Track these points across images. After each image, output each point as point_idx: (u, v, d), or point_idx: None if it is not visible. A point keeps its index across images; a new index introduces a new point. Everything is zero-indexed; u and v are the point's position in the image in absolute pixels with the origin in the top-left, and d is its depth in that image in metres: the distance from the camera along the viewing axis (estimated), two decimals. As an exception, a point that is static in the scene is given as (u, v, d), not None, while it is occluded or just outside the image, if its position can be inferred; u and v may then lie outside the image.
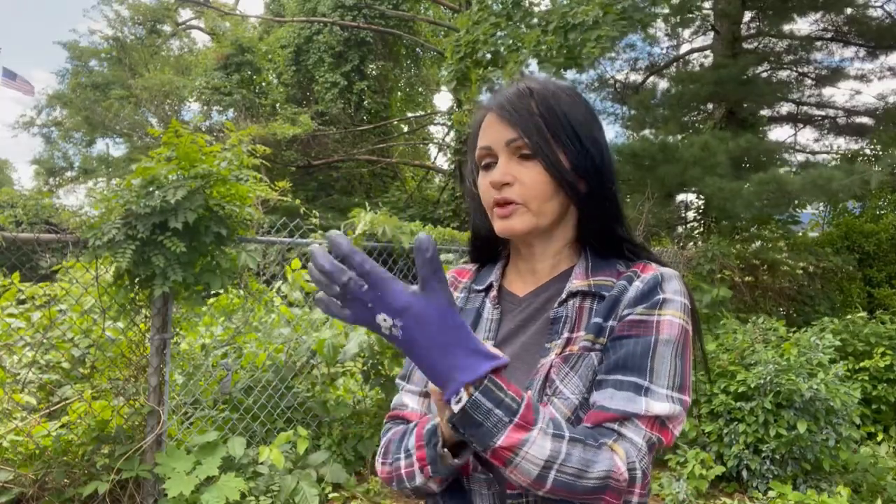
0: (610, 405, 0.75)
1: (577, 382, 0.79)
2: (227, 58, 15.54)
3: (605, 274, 0.86)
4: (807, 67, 9.24)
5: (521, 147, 0.83)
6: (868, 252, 8.13)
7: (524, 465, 0.68)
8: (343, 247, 0.63)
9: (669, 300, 0.80)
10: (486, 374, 0.66)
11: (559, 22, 5.94)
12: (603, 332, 0.81)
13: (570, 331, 0.83)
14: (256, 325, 4.21)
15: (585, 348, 0.80)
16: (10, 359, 3.33)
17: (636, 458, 0.73)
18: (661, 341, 0.78)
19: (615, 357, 0.78)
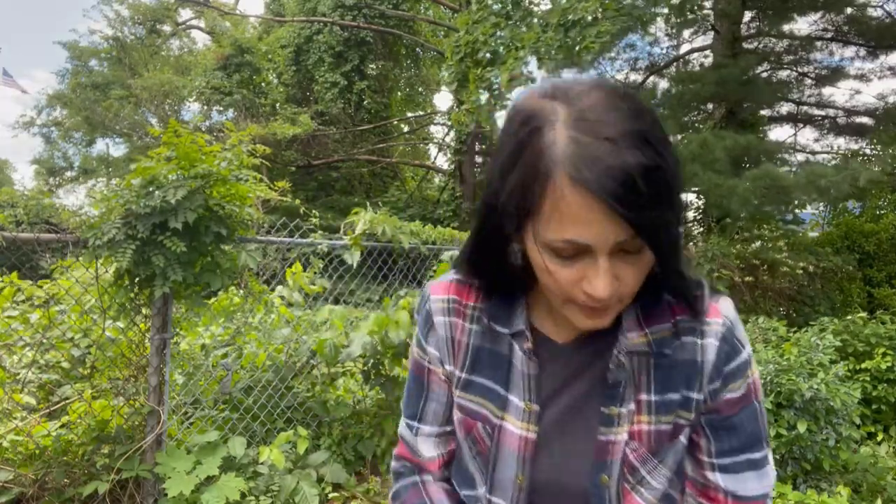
0: (748, 490, 0.74)
1: (666, 472, 0.74)
2: (227, 58, 15.54)
3: (660, 320, 0.72)
4: (807, 67, 9.24)
5: (633, 245, 0.61)
6: (868, 252, 8.13)
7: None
8: None
9: (749, 355, 0.74)
10: None
11: (559, 19, 5.94)
12: (685, 406, 0.72)
13: (636, 394, 0.73)
14: (256, 325, 4.21)
15: (667, 433, 0.72)
16: (11, 359, 3.33)
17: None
18: (761, 404, 0.76)
19: (735, 440, 0.74)
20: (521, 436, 0.76)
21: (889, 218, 8.67)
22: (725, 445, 0.74)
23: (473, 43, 6.79)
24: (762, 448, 0.75)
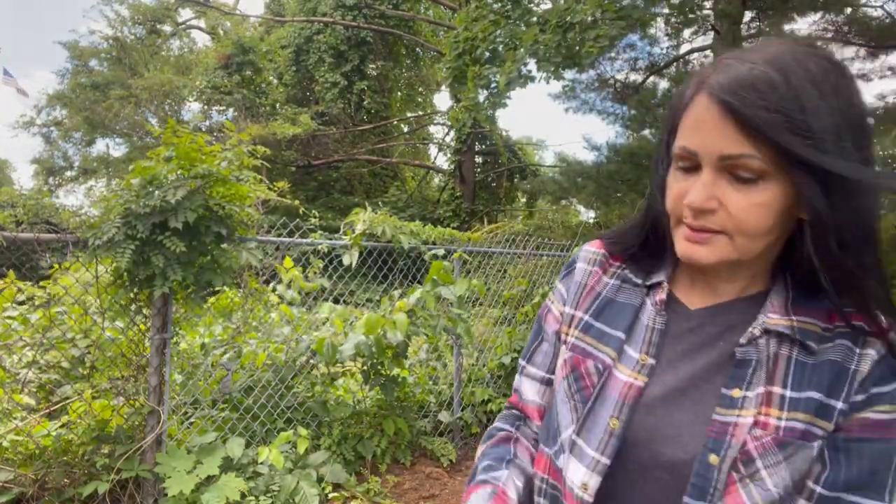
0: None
1: (786, 476, 0.62)
2: (228, 58, 15.56)
3: (812, 314, 0.65)
4: (807, 67, 9.24)
5: (743, 168, 0.60)
6: (868, 252, 8.12)
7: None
8: None
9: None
10: None
11: (557, 21, 5.94)
12: (827, 415, 0.62)
13: (767, 383, 0.64)
14: (256, 324, 4.21)
15: (800, 432, 0.62)
16: (10, 359, 3.33)
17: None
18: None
19: (852, 470, 0.61)
20: (627, 382, 0.71)
21: (889, 218, 8.67)
22: (839, 475, 0.61)
23: (472, 40, 6.79)
24: (880, 498, 0.60)
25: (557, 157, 12.64)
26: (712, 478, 0.63)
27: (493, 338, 5.06)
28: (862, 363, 0.62)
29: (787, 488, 0.62)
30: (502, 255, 5.25)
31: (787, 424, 0.63)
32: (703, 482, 0.63)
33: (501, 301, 5.12)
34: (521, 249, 5.25)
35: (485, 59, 6.76)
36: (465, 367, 4.78)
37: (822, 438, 0.62)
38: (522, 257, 5.36)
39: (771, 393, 0.64)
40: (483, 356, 5.01)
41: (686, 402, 0.67)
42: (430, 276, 3.76)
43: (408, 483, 3.74)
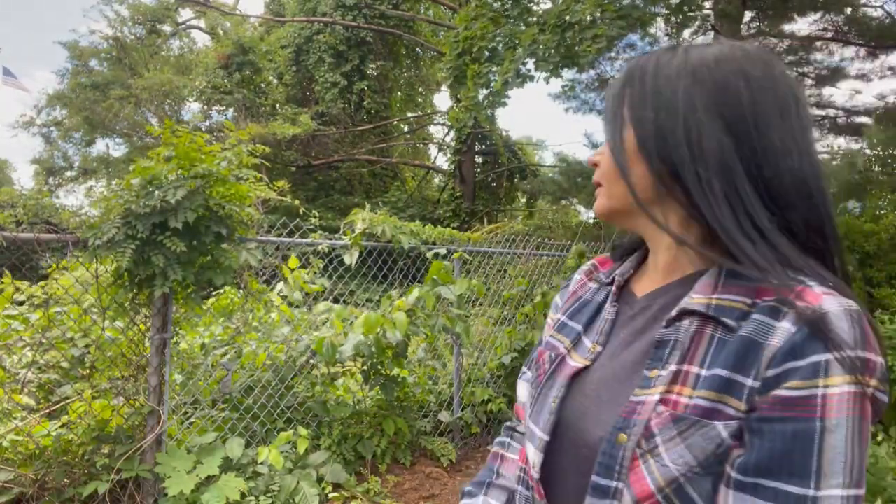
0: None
1: (684, 453, 0.60)
2: (228, 58, 15.56)
3: (741, 291, 0.65)
4: (807, 67, 9.24)
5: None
6: (868, 252, 8.13)
7: None
8: None
9: (838, 360, 0.56)
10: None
11: (556, 20, 5.93)
12: (737, 393, 0.60)
13: (681, 361, 0.65)
14: (256, 325, 4.21)
15: (704, 410, 0.61)
16: (10, 359, 3.33)
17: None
18: (829, 429, 0.56)
19: (764, 452, 0.58)
20: (573, 366, 0.77)
21: (889, 218, 8.67)
22: (752, 457, 0.58)
23: (472, 39, 6.78)
24: (805, 484, 0.55)
25: (557, 157, 12.64)
26: (618, 456, 0.64)
27: (492, 338, 5.06)
28: (775, 337, 0.59)
29: (688, 466, 0.60)
30: (502, 255, 5.25)
31: (693, 402, 0.62)
32: (609, 460, 0.64)
33: (501, 301, 5.12)
34: (521, 249, 5.25)
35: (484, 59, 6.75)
36: (465, 367, 4.78)
37: (735, 419, 0.60)
38: (522, 257, 5.36)
39: (686, 372, 0.64)
40: (483, 356, 5.01)
41: (615, 384, 0.70)
42: (430, 276, 3.76)
43: (408, 483, 3.74)
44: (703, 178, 0.66)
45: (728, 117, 0.66)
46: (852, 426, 0.56)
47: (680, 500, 0.61)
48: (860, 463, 0.57)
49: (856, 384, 0.56)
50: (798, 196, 0.66)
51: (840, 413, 0.56)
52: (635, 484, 0.62)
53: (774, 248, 0.63)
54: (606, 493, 0.64)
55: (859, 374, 0.56)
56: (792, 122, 0.66)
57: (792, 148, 0.66)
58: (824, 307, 0.58)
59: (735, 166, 0.65)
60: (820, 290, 0.60)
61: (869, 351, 0.57)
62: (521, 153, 17.33)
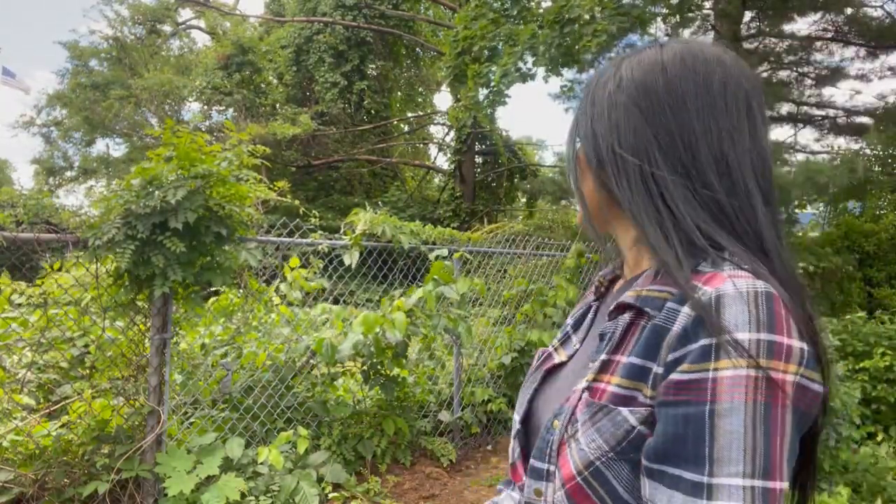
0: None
1: (595, 437, 0.62)
2: (228, 58, 15.56)
3: (669, 283, 0.65)
4: (807, 67, 9.24)
5: None
6: (868, 252, 8.13)
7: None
8: None
9: (728, 343, 0.55)
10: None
11: (555, 17, 5.92)
12: (645, 379, 0.61)
13: (612, 352, 0.66)
14: (256, 325, 4.21)
15: (616, 397, 0.62)
16: (11, 359, 3.33)
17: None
18: (719, 412, 0.54)
19: (661, 438, 0.58)
20: (554, 361, 0.82)
21: (889, 218, 8.67)
22: (650, 444, 0.59)
23: (472, 38, 6.78)
24: (699, 471, 0.54)
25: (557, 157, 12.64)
26: (550, 439, 0.67)
27: (492, 338, 5.06)
28: (678, 322, 0.59)
29: (602, 451, 0.61)
30: (502, 255, 5.25)
31: (611, 390, 0.63)
32: (543, 444, 0.69)
33: (501, 301, 5.12)
34: (521, 249, 5.25)
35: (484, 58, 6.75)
36: (464, 367, 4.78)
37: (643, 405, 0.60)
38: (522, 257, 5.36)
39: (616, 361, 0.65)
40: (483, 356, 5.01)
41: (573, 376, 0.73)
42: (431, 276, 3.76)
43: (408, 483, 3.74)
44: (622, 170, 0.69)
45: (644, 108, 0.69)
46: (753, 412, 0.54)
47: (599, 483, 0.62)
48: (771, 453, 0.54)
49: (756, 368, 0.54)
50: (717, 172, 0.66)
51: (734, 397, 0.54)
52: (563, 466, 0.65)
53: (686, 233, 0.64)
54: (540, 475, 0.68)
55: (762, 358, 0.54)
56: (715, 100, 0.67)
57: (711, 126, 0.67)
58: (720, 290, 0.57)
59: (651, 151, 0.67)
60: (728, 273, 0.59)
61: (777, 334, 0.55)
62: (521, 153, 17.32)
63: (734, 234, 0.65)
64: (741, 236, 0.66)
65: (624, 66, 0.73)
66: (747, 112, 0.69)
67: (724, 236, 0.64)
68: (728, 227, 0.66)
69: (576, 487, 0.63)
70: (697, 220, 0.65)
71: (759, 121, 0.70)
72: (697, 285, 0.60)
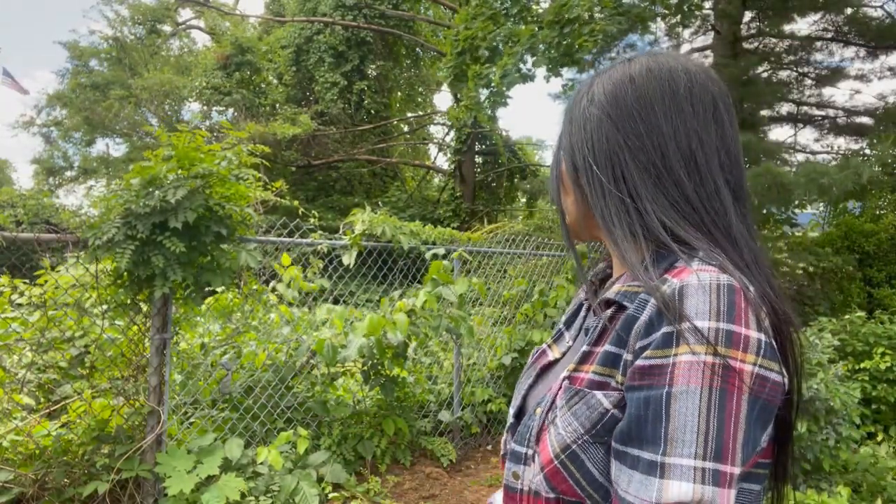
0: (628, 494, 0.58)
1: (571, 421, 0.65)
2: (228, 58, 15.55)
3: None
4: (807, 67, 9.24)
5: None
6: (868, 252, 8.13)
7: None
8: None
9: (688, 330, 0.57)
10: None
11: (554, 17, 5.92)
12: (617, 365, 0.65)
13: (592, 344, 0.71)
14: (256, 325, 4.21)
15: (591, 383, 0.66)
16: (10, 359, 3.32)
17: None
18: (675, 395, 0.56)
19: (625, 420, 0.61)
20: (548, 358, 0.84)
21: (889, 218, 8.67)
22: (620, 426, 0.62)
23: (472, 38, 6.78)
24: (655, 451, 0.57)
25: (557, 157, 12.61)
26: (531, 425, 0.71)
27: (492, 338, 5.06)
28: (646, 312, 0.63)
29: (577, 434, 0.64)
30: (502, 255, 5.25)
31: (588, 377, 0.67)
32: (524, 429, 0.72)
33: (501, 301, 5.12)
34: (521, 249, 5.25)
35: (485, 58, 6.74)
36: (464, 367, 4.78)
37: (616, 390, 0.64)
38: (522, 257, 5.36)
39: (594, 353, 0.69)
40: (483, 356, 5.01)
41: (562, 371, 0.75)
42: (430, 276, 3.76)
43: (408, 483, 3.74)
44: (594, 177, 0.73)
45: (615, 116, 0.72)
46: (709, 397, 0.56)
47: (576, 467, 0.64)
48: (724, 437, 0.55)
49: (713, 355, 0.56)
50: (686, 170, 0.69)
51: (689, 382, 0.56)
52: (542, 451, 0.68)
53: (653, 232, 0.68)
54: (520, 459, 0.72)
55: (720, 346, 0.56)
56: (681, 104, 0.71)
57: (679, 126, 0.70)
58: (684, 282, 0.60)
59: (622, 154, 0.71)
60: (696, 266, 0.62)
61: (736, 324, 0.57)
62: (521, 153, 17.32)
63: (702, 227, 0.68)
64: (710, 229, 0.68)
65: (596, 83, 0.77)
66: (714, 113, 0.72)
67: (692, 232, 0.67)
68: (696, 221, 0.69)
69: (553, 470, 0.66)
70: (665, 217, 0.68)
71: (726, 121, 0.73)
72: (667, 278, 0.63)
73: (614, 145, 0.72)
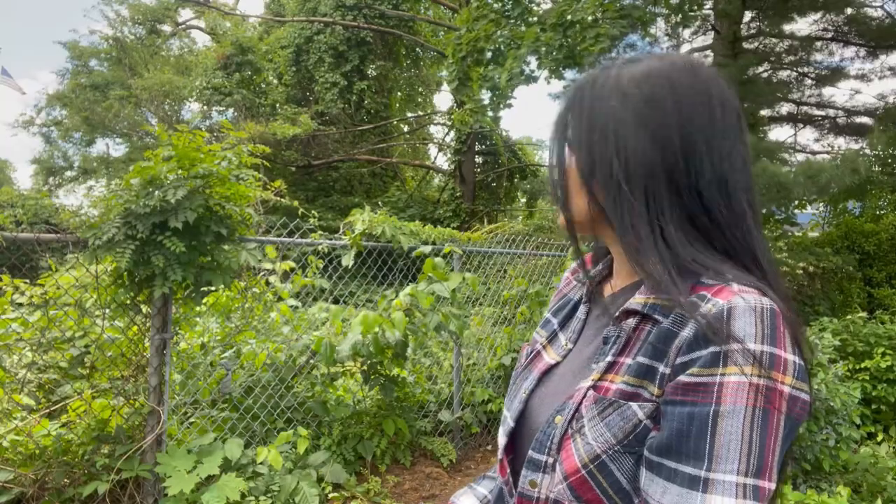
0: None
1: (603, 431, 0.65)
2: (228, 58, 15.55)
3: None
4: (807, 67, 9.24)
5: None
6: (868, 252, 8.13)
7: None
8: None
9: (737, 352, 0.59)
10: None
11: (557, 19, 5.94)
12: (651, 377, 0.65)
13: (618, 354, 0.70)
14: (256, 324, 4.20)
15: (623, 393, 0.66)
16: (10, 359, 3.32)
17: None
18: (723, 413, 0.58)
19: (665, 433, 0.61)
20: (547, 361, 0.83)
21: (889, 218, 8.67)
22: (655, 438, 0.63)
23: (475, 41, 6.78)
24: (698, 466, 0.58)
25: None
26: (551, 434, 0.70)
27: (492, 338, 5.06)
28: (686, 329, 0.63)
29: (608, 444, 0.65)
30: (502, 255, 5.25)
31: (617, 387, 0.67)
32: (544, 437, 0.71)
33: (501, 301, 5.12)
34: (521, 249, 5.25)
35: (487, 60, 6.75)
36: (464, 367, 4.77)
37: (649, 401, 0.65)
38: (522, 257, 5.36)
39: (620, 363, 0.69)
40: (483, 356, 5.01)
41: (571, 377, 0.76)
42: (425, 275, 3.75)
43: (408, 483, 3.74)
44: (621, 196, 0.69)
45: (653, 128, 0.68)
46: (752, 416, 0.58)
47: (604, 476, 0.65)
48: (765, 455, 0.57)
49: (759, 377, 0.58)
50: (719, 195, 0.68)
51: (736, 401, 0.58)
52: (566, 460, 0.68)
53: (677, 255, 0.67)
54: (538, 467, 0.71)
55: (764, 369, 0.58)
56: (716, 124, 0.69)
57: (714, 147, 0.68)
58: (731, 303, 0.61)
59: (658, 173, 0.68)
60: (738, 288, 0.63)
61: (778, 348, 0.59)
62: (521, 153, 17.32)
63: (729, 252, 0.69)
64: (739, 254, 0.69)
65: (625, 75, 0.72)
66: (739, 132, 0.71)
67: (719, 259, 0.67)
68: (725, 245, 0.69)
69: (580, 479, 0.66)
70: (691, 246, 0.68)
71: (747, 140, 0.72)
72: (707, 295, 0.64)
73: (648, 163, 0.68)
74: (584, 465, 0.66)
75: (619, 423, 0.65)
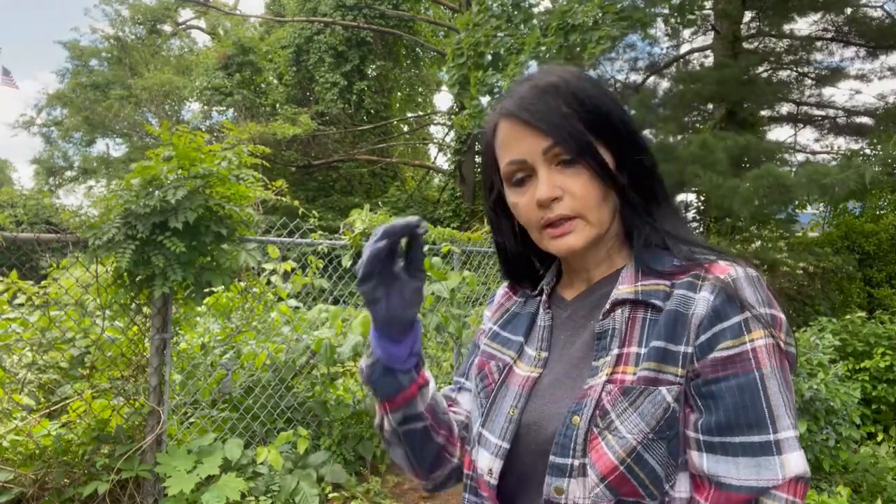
0: (737, 480, 0.62)
1: (637, 421, 0.66)
2: (228, 58, 15.55)
3: (662, 276, 0.72)
4: (807, 67, 9.23)
5: (561, 153, 0.72)
6: (868, 252, 8.13)
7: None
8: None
9: (754, 318, 0.65)
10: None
11: (559, 23, 5.94)
12: (673, 360, 0.67)
13: (621, 346, 0.71)
14: (256, 324, 4.20)
15: (648, 379, 0.67)
16: (10, 359, 3.32)
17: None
18: (766, 376, 0.63)
19: (720, 411, 0.64)
20: (525, 376, 0.80)
21: (889, 218, 8.66)
22: (712, 419, 0.64)
23: (475, 45, 6.79)
24: (765, 431, 0.62)
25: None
26: (572, 435, 0.69)
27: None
28: (698, 306, 0.67)
29: (643, 434, 0.65)
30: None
31: (638, 375, 0.68)
32: (565, 440, 0.69)
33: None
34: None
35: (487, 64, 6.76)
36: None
37: (674, 384, 0.66)
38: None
39: (626, 353, 0.70)
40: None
41: (567, 380, 0.75)
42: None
43: (408, 483, 3.74)
44: (643, 166, 0.76)
45: (629, 116, 0.78)
46: (781, 374, 0.65)
47: (640, 467, 0.65)
48: (793, 406, 0.65)
49: (771, 337, 0.65)
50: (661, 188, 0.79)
51: (771, 361, 0.64)
52: (598, 461, 0.66)
53: (680, 236, 0.76)
54: (564, 471, 0.68)
55: (772, 329, 0.65)
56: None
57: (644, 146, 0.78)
58: (732, 275, 0.67)
59: (654, 169, 0.78)
60: (724, 262, 0.70)
61: (774, 308, 0.67)
62: (521, 153, 17.28)
63: (691, 234, 0.78)
64: (689, 235, 0.78)
65: (604, 94, 0.79)
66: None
67: (690, 237, 0.77)
68: (686, 230, 0.78)
69: (619, 477, 0.65)
70: (673, 228, 0.77)
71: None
72: (700, 273, 0.70)
73: (649, 157, 0.78)
74: (621, 461, 0.65)
75: (651, 411, 0.66)
